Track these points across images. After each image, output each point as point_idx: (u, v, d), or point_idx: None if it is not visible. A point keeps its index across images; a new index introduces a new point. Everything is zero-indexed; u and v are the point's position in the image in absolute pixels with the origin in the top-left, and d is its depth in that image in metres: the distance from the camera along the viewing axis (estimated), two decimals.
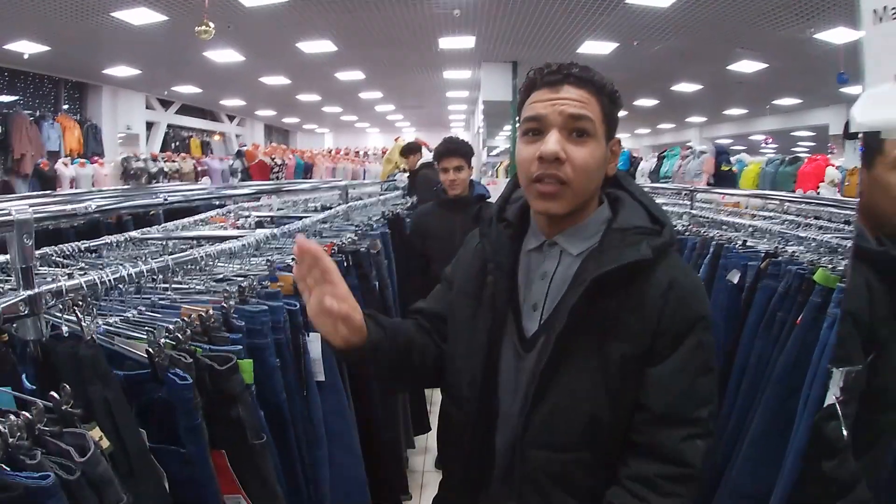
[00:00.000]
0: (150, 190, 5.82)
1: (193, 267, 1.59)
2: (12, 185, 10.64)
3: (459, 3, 8.78)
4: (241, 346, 1.20)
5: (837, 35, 8.94)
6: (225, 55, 11.82)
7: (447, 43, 11.03)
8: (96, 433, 0.85)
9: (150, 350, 1.04)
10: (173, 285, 1.52)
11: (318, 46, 11.29)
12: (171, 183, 12.42)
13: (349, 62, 12.92)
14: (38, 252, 1.71)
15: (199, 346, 1.14)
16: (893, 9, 1.31)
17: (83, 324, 0.99)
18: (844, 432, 1.48)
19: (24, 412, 0.80)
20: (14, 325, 1.02)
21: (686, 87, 14.83)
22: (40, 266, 1.70)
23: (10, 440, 0.76)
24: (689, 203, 3.73)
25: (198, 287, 1.54)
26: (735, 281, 2.50)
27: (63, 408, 0.84)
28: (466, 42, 10.98)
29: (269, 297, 1.47)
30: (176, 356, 1.06)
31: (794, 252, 2.32)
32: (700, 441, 1.20)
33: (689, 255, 2.91)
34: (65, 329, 1.06)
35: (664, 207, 3.69)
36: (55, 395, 0.84)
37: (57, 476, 0.76)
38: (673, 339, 1.19)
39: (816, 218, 3.47)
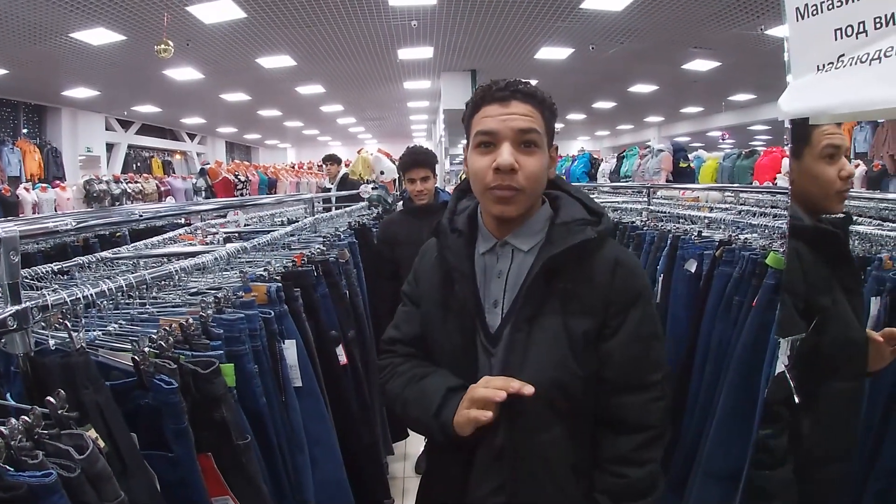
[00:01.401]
0: (118, 210, 5.78)
1: (168, 283, 1.64)
2: None
3: (417, 14, 8.88)
4: (221, 352, 1.26)
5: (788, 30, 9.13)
6: (184, 73, 11.84)
7: (406, 54, 11.16)
8: (92, 434, 0.90)
9: (136, 358, 1.09)
10: (149, 300, 1.57)
11: (277, 61, 11.37)
12: (135, 204, 12.32)
13: (309, 76, 13.02)
14: None
15: (181, 354, 1.19)
16: (814, 6, 1.45)
17: (73, 334, 1.03)
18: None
19: (23, 416, 0.84)
20: (2, 341, 1.06)
21: (643, 88, 15.15)
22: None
23: (12, 442, 0.81)
24: (647, 200, 3.83)
25: (174, 300, 1.59)
26: (692, 270, 2.60)
27: (59, 412, 0.89)
28: (425, 52, 11.12)
29: (244, 307, 1.52)
30: (161, 363, 1.11)
31: (746, 239, 2.43)
32: (657, 403, 1.36)
33: (647, 248, 3.02)
34: (52, 343, 1.10)
35: (625, 205, 3.88)
36: (51, 399, 0.89)
37: (58, 474, 0.80)
38: (622, 309, 1.33)
39: (773, 207, 3.61)
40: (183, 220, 4.08)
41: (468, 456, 1.42)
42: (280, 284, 1.74)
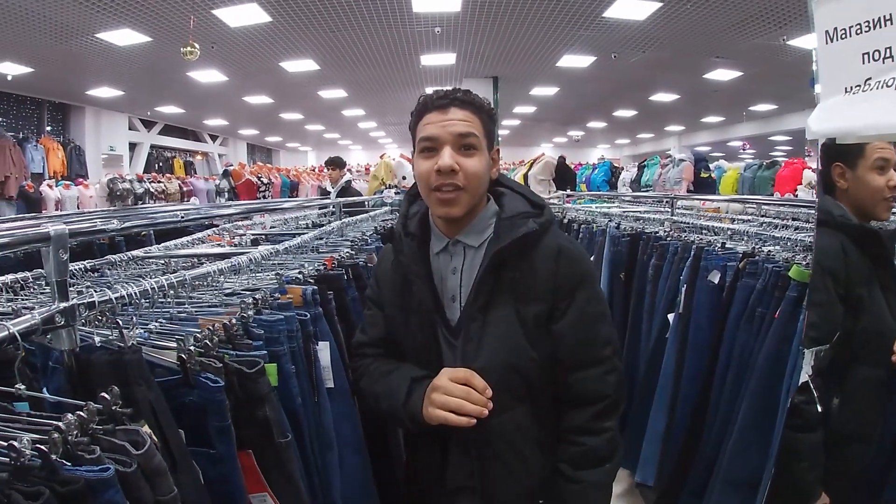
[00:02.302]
0: (139, 211, 5.85)
1: (202, 283, 1.68)
2: None
3: (440, 20, 8.90)
4: (265, 352, 1.29)
5: (810, 41, 8.98)
6: (208, 75, 11.91)
7: (428, 60, 11.19)
8: (146, 430, 0.92)
9: (182, 356, 1.12)
10: (187, 300, 1.60)
11: (300, 65, 11.42)
12: (158, 204, 12.40)
13: (332, 81, 13.06)
14: (33, 273, 1.79)
15: (225, 353, 1.22)
16: (843, 30, 1.52)
17: (124, 332, 1.06)
18: (819, 408, 1.79)
19: (78, 412, 0.86)
20: (48, 337, 1.08)
21: (664, 97, 15.09)
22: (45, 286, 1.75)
23: (69, 437, 0.82)
24: (669, 210, 3.84)
25: (210, 301, 1.63)
26: (716, 281, 2.61)
27: (113, 408, 0.91)
28: (447, 59, 11.15)
29: (281, 308, 1.55)
30: (206, 361, 1.14)
31: (770, 251, 2.43)
32: (610, 376, 1.49)
33: (671, 258, 3.03)
34: (97, 339, 1.13)
35: (646, 215, 3.88)
36: (105, 395, 0.91)
37: (115, 469, 0.82)
38: (568, 293, 1.45)
39: (794, 219, 3.60)
40: (207, 223, 4.12)
41: (442, 443, 1.54)
42: (315, 287, 1.77)
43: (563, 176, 9.37)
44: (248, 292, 1.72)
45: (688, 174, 9.44)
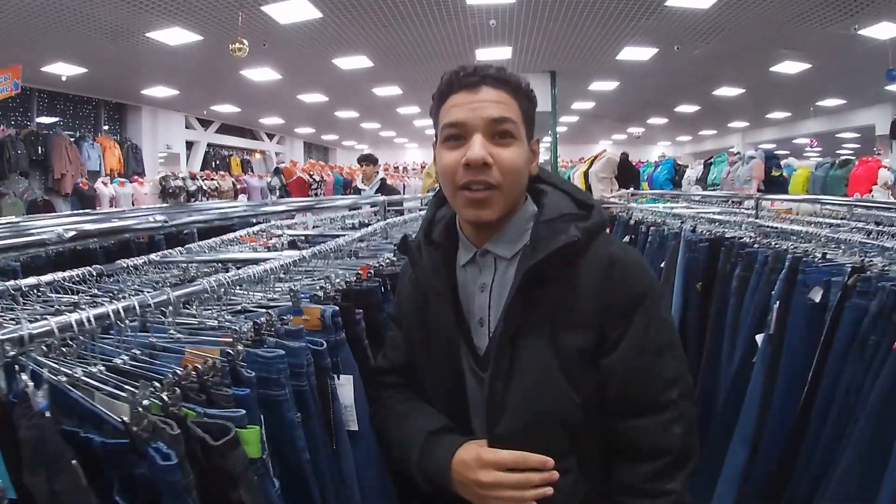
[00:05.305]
0: (189, 208, 5.72)
1: (199, 299, 1.37)
2: (53, 204, 10.84)
3: (495, 13, 8.65)
4: (242, 411, 0.94)
5: (883, 30, 8.71)
6: (261, 73, 11.92)
7: (484, 55, 10.88)
8: None
9: (125, 420, 0.81)
10: (184, 318, 1.32)
11: (354, 62, 11.30)
12: (210, 201, 12.48)
13: (386, 78, 12.95)
14: (46, 278, 1.58)
15: (192, 409, 0.91)
16: None
17: (30, 388, 0.77)
18: None
19: None
20: None
21: (728, 92, 14.61)
22: (50, 293, 1.56)
23: None
24: (751, 211, 3.42)
25: (210, 322, 1.32)
26: (817, 299, 2.21)
27: None
28: (503, 53, 10.85)
29: (290, 336, 1.22)
30: (161, 423, 0.83)
31: (884, 266, 2.06)
32: (676, 425, 1.15)
33: (759, 269, 2.61)
34: (36, 393, 0.84)
35: (723, 216, 3.48)
36: None
37: None
38: (621, 318, 1.15)
39: (877, 223, 3.15)
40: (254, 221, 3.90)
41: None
42: (336, 308, 1.42)
43: (626, 173, 9.04)
44: (261, 309, 1.44)
45: (758, 172, 8.98)
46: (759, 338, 2.46)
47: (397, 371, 1.43)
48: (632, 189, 7.52)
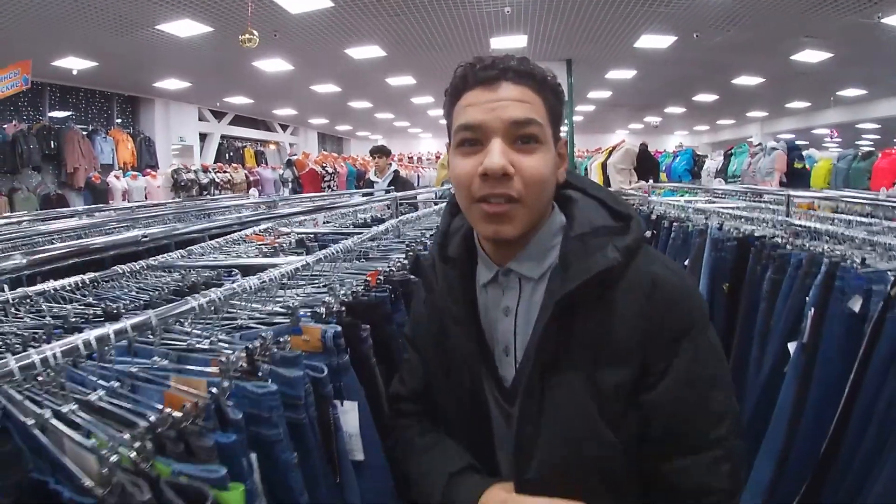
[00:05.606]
0: (200, 205, 5.67)
1: (181, 320, 1.23)
2: (66, 198, 10.87)
3: (511, 0, 8.48)
4: (223, 471, 0.80)
5: None
6: (273, 64, 11.85)
7: (499, 43, 10.73)
8: None
9: (86, 486, 0.70)
10: (175, 335, 1.20)
11: (366, 52, 11.20)
12: (223, 194, 12.42)
13: (399, 67, 12.84)
14: (35, 288, 1.49)
15: (166, 465, 0.80)
16: None
17: None
18: None
19: None
20: None
21: (748, 81, 14.42)
22: (43, 302, 1.47)
23: None
24: (781, 209, 3.25)
25: (201, 344, 1.20)
26: (856, 309, 2.06)
27: None
28: (518, 41, 10.69)
29: (285, 363, 1.10)
30: (131, 486, 0.72)
31: None
32: (724, 464, 1.02)
33: (793, 272, 2.47)
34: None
35: (751, 213, 3.32)
36: None
37: None
38: (666, 348, 1.01)
39: None
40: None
41: None
42: (338, 329, 1.29)
43: (646, 164, 8.83)
44: (261, 326, 1.32)
45: (780, 164, 8.78)
46: (791, 346, 2.32)
47: (414, 398, 1.31)
48: (651, 181, 7.35)
